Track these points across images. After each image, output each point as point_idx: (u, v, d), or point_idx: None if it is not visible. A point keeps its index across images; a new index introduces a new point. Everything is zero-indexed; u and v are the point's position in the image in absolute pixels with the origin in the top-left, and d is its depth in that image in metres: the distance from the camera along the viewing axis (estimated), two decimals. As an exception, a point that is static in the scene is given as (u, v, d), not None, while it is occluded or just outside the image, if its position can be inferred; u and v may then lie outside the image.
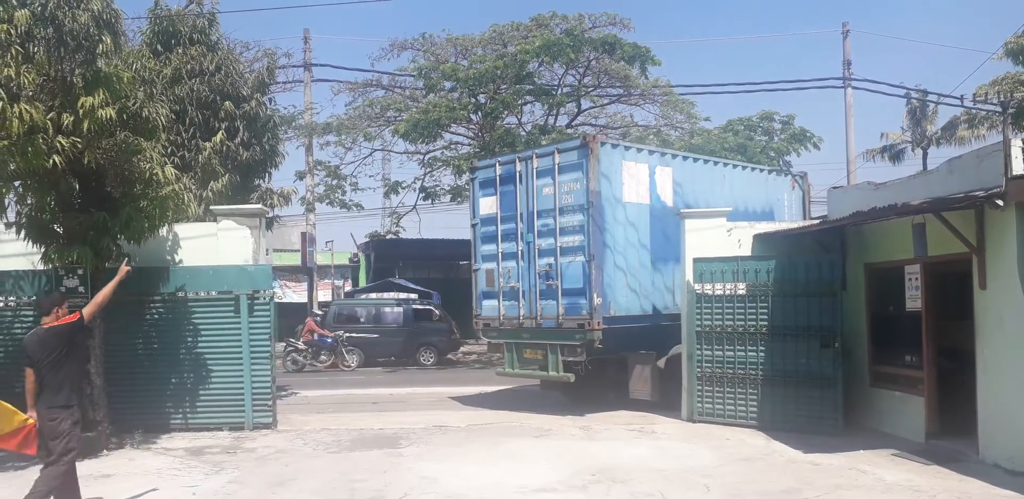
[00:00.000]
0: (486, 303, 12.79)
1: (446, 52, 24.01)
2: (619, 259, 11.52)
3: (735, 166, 14.05)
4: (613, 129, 25.08)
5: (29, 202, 9.36)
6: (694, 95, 28.60)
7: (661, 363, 11.62)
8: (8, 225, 9.70)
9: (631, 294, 11.69)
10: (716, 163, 13.70)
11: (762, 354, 10.21)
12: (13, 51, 7.88)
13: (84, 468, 8.34)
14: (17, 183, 9.05)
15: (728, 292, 10.49)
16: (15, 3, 8.10)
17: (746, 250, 11.00)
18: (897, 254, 9.39)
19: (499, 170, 12.55)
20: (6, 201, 8.93)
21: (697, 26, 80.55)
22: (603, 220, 11.28)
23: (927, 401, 9.03)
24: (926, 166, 29.87)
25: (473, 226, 13.07)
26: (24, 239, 9.53)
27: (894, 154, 33.33)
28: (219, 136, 12.84)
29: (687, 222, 11.32)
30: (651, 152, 12.65)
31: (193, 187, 10.92)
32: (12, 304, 10.48)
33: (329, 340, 20.51)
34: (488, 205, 12.76)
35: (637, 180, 11.94)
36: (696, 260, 10.77)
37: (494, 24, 23.56)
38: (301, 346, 20.56)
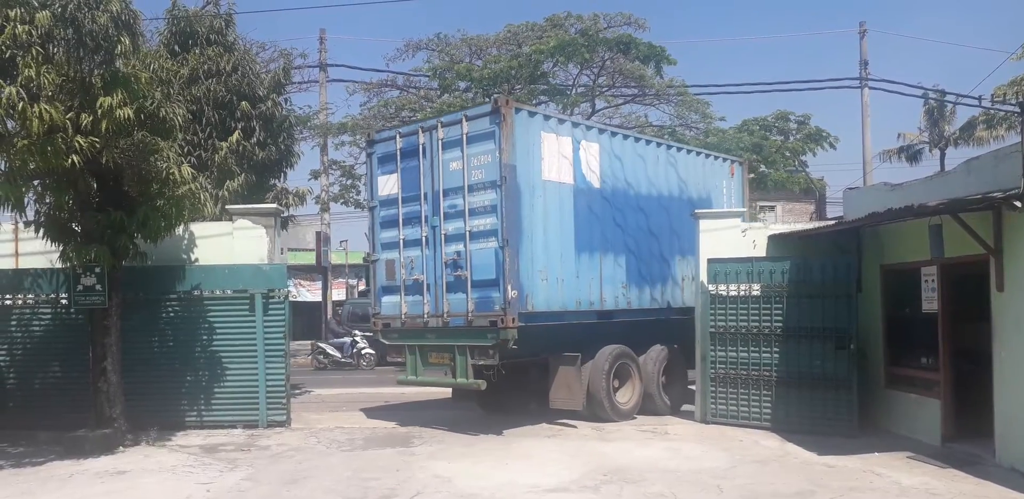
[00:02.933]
0: (386, 299, 10.97)
1: (461, 52, 24.06)
2: (538, 246, 10.00)
3: (670, 147, 12.80)
4: (628, 129, 25.05)
5: (48, 201, 9.47)
6: (709, 95, 28.46)
7: (587, 367, 10.56)
8: (27, 224, 9.82)
9: (553, 287, 10.17)
10: (649, 142, 12.37)
11: (776, 355, 10.17)
12: (34, 52, 7.97)
13: (100, 465, 8.48)
14: (36, 182, 9.16)
15: (742, 293, 10.45)
16: (36, 5, 8.20)
17: (761, 251, 10.96)
18: (913, 255, 9.33)
19: (400, 143, 10.75)
20: (26, 200, 9.03)
21: (713, 26, 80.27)
22: (518, 199, 9.75)
23: (943, 403, 8.96)
24: (944, 167, 29.68)
25: (371, 209, 11.30)
26: (43, 238, 9.65)
27: (911, 155, 33.14)
28: (235, 136, 12.93)
29: (701, 222, 11.29)
30: (575, 124, 11.06)
31: (209, 186, 11.00)
32: (31, 302, 10.61)
33: None
34: (388, 184, 10.95)
35: (559, 155, 10.41)
36: (710, 261, 10.74)
37: (509, 24, 23.61)
38: None
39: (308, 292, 30.16)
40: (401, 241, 10.71)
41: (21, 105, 7.70)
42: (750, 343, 10.36)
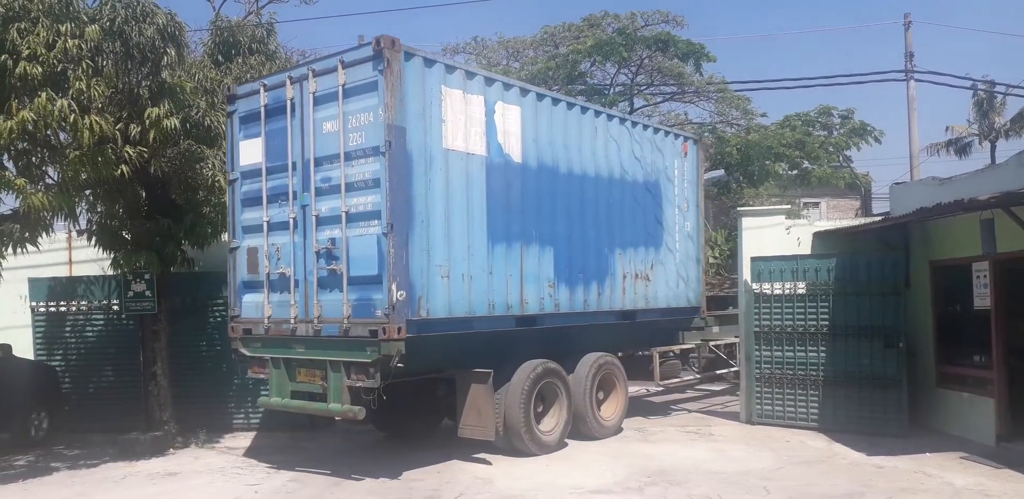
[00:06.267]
0: (247, 298, 8.72)
1: (498, 55, 24.14)
2: (437, 233, 7.85)
3: (611, 117, 10.46)
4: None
5: (99, 210, 9.78)
6: (750, 91, 28.12)
7: (504, 390, 8.61)
8: (80, 232, 10.11)
9: (458, 286, 8.01)
10: (586, 110, 10.00)
11: (823, 355, 10.01)
12: (84, 65, 8.21)
13: (152, 466, 8.69)
14: (88, 192, 9.44)
15: (787, 292, 10.31)
16: (86, 19, 8.45)
17: (805, 248, 10.82)
18: (964, 251, 9.12)
19: (265, 98, 8.53)
20: (78, 209, 9.31)
21: (753, 21, 79.21)
22: (409, 172, 7.60)
23: (997, 402, 8.73)
24: (994, 160, 28.92)
25: (231, 183, 8.94)
26: (94, 246, 9.95)
27: (960, 148, 32.38)
28: (278, 143, 13.12)
29: (744, 220, 11.20)
30: (490, 81, 8.65)
31: (253, 193, 11.19)
32: (84, 308, 10.91)
33: None
34: (251, 151, 8.70)
35: (467, 118, 8.26)
36: (754, 259, 10.62)
37: (545, 26, 23.58)
38: None
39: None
40: (265, 224, 8.52)
41: (73, 117, 7.92)
42: (796, 342, 10.22)
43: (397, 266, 7.39)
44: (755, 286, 10.54)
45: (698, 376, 12.00)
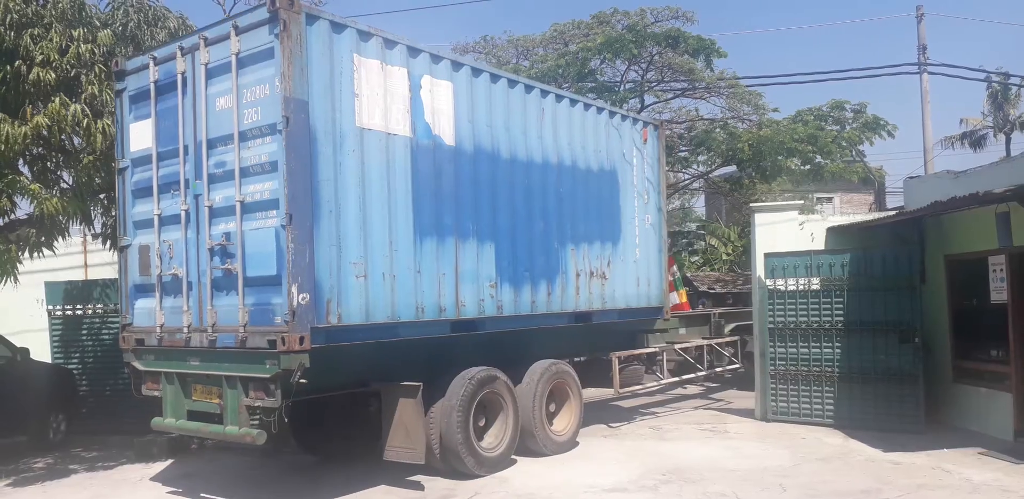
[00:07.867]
0: (140, 304, 7.61)
1: (507, 54, 24.12)
2: (350, 225, 6.72)
3: (560, 97, 9.33)
4: (678, 124, 24.75)
5: (113, 214, 9.81)
6: (761, 86, 27.94)
7: (438, 405, 7.60)
8: (95, 236, 10.19)
9: (377, 287, 6.88)
10: (531, 89, 8.89)
11: (838, 351, 9.96)
12: (97, 69, 8.28)
13: (168, 468, 8.74)
14: (102, 196, 9.51)
15: (801, 287, 10.27)
16: (98, 24, 8.52)
17: (819, 244, 10.77)
18: (979, 245, 9.05)
19: (155, 73, 7.38)
20: (92, 213, 9.38)
21: (763, 15, 78.85)
22: (313, 152, 6.49)
23: (1015, 397, 8.67)
24: (1009, 152, 28.69)
25: (120, 172, 7.78)
26: (109, 249, 9.99)
27: (975, 141, 32.15)
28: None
29: (757, 216, 11.15)
30: (414, 51, 7.49)
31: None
32: (100, 311, 11.00)
33: None
34: (142, 135, 7.55)
35: (387, 93, 7.15)
36: (767, 255, 10.58)
37: (555, 24, 23.55)
38: None
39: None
40: (156, 218, 7.37)
41: (86, 122, 8.00)
42: (810, 338, 10.18)
43: (298, 264, 6.27)
44: (769, 282, 10.50)
45: (661, 383, 11.06)
